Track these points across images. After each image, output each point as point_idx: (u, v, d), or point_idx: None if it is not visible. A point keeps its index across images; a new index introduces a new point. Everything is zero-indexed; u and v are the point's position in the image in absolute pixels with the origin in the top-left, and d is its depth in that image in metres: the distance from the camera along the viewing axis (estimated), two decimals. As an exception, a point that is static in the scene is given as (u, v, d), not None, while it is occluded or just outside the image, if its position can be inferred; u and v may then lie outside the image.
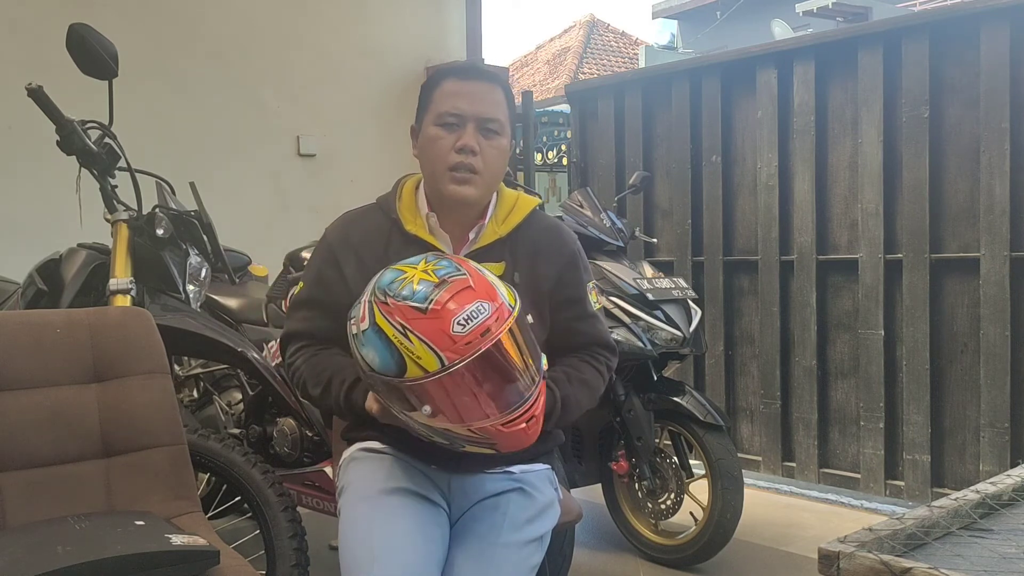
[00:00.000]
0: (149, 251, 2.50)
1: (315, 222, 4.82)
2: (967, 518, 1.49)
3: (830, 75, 4.04)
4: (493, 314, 1.42)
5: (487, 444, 1.47)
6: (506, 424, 1.44)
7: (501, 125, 1.69)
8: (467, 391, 1.40)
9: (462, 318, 1.40)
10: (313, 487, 2.71)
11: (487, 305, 1.42)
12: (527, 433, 1.47)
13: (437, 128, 1.67)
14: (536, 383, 1.47)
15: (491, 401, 1.42)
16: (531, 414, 1.46)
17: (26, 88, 2.27)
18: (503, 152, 1.71)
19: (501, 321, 1.42)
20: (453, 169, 1.66)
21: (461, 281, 1.44)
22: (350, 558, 1.52)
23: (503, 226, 1.73)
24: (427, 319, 1.40)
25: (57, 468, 1.81)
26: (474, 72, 1.71)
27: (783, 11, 13.16)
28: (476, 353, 1.38)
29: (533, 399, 1.47)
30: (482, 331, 1.39)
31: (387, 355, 1.42)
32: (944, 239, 3.71)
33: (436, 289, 1.42)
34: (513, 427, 1.44)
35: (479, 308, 1.41)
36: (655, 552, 3.21)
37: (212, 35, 4.77)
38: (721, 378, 4.46)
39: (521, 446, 1.50)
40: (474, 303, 1.41)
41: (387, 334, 1.42)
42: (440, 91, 1.69)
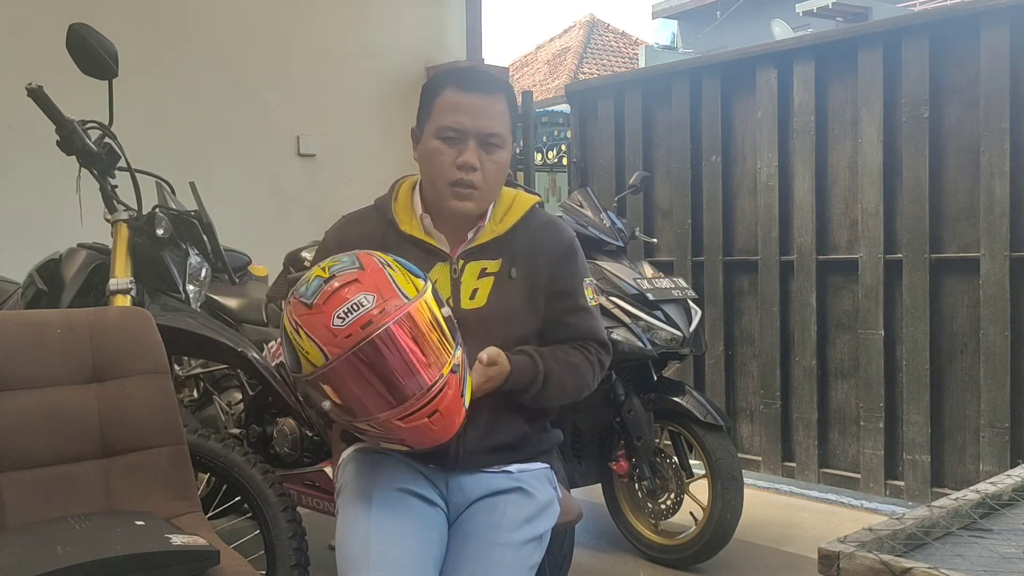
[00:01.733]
0: (149, 251, 2.49)
1: (315, 222, 4.82)
2: (967, 518, 1.49)
3: (830, 75, 4.04)
4: (377, 306, 1.39)
5: (396, 440, 1.44)
6: (404, 419, 1.40)
7: (502, 138, 1.69)
8: (356, 385, 1.38)
9: (342, 311, 1.39)
10: (313, 487, 2.71)
11: (370, 297, 1.40)
12: (432, 428, 1.42)
13: (438, 141, 1.66)
14: (442, 376, 1.41)
15: (386, 395, 1.39)
16: (433, 408, 1.40)
17: (26, 88, 2.27)
18: (504, 165, 1.71)
19: (386, 314, 1.39)
20: (454, 185, 1.66)
21: (348, 275, 1.43)
22: (347, 558, 1.52)
23: (501, 225, 1.74)
24: (311, 314, 1.41)
25: (57, 468, 1.81)
26: (475, 82, 1.68)
27: (783, 11, 13.16)
28: (354, 347, 1.36)
29: (436, 392, 1.40)
30: (362, 323, 1.38)
31: (290, 353, 1.45)
32: (944, 239, 3.71)
33: (323, 284, 1.43)
34: (412, 422, 1.40)
35: (361, 300, 1.40)
36: (655, 552, 3.21)
37: (212, 35, 4.77)
38: (721, 378, 4.46)
39: (432, 442, 1.45)
40: (357, 295, 1.40)
41: (287, 332, 1.44)
42: (441, 101, 1.67)
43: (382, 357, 1.37)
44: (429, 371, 1.40)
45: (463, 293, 1.68)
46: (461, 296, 1.68)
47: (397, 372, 1.38)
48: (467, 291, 1.68)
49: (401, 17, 5.52)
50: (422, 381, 1.39)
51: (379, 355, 1.37)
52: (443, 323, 1.45)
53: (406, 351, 1.38)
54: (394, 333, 1.38)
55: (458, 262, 1.70)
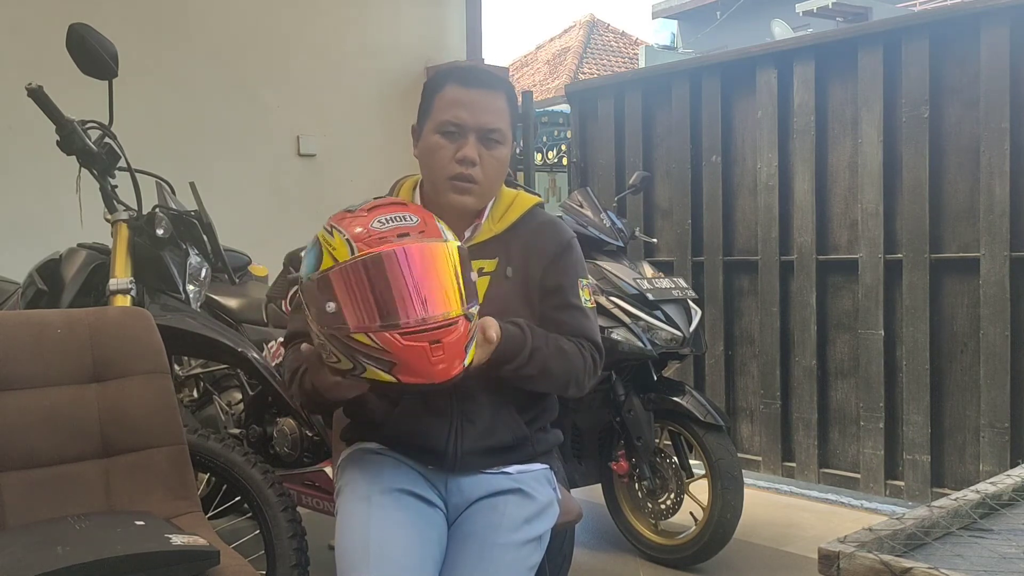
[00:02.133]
0: (149, 251, 2.50)
1: (315, 222, 4.81)
2: (967, 518, 1.49)
3: (830, 75, 4.04)
4: (418, 226, 1.42)
5: (387, 362, 1.38)
6: (405, 335, 1.35)
7: (502, 134, 1.69)
8: (375, 288, 1.36)
9: (385, 218, 1.42)
10: (313, 487, 2.71)
11: (414, 218, 1.44)
12: (428, 357, 1.36)
13: (438, 136, 1.67)
14: (455, 314, 1.39)
15: (399, 305, 1.36)
16: (437, 337, 1.37)
17: (26, 88, 2.27)
18: (503, 161, 1.71)
19: (424, 235, 1.41)
20: (453, 179, 1.66)
21: (398, 201, 1.50)
22: (346, 559, 1.52)
23: (499, 224, 1.74)
24: (352, 216, 1.45)
25: (57, 468, 1.81)
26: (476, 79, 1.69)
27: (783, 11, 13.16)
28: (386, 247, 1.37)
29: (445, 323, 1.38)
30: (400, 232, 1.40)
31: (311, 256, 1.44)
32: (944, 239, 3.71)
33: (372, 199, 1.49)
34: (412, 341, 1.35)
35: (405, 216, 1.44)
36: (655, 552, 3.21)
37: (212, 35, 4.77)
38: (721, 378, 4.46)
39: (422, 375, 1.38)
40: (403, 212, 1.45)
41: (319, 237, 1.45)
42: (442, 97, 1.68)
43: (409, 267, 1.36)
44: (446, 302, 1.39)
45: None
46: None
47: (418, 287, 1.37)
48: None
49: (401, 17, 5.52)
50: (438, 306, 1.38)
51: (407, 264, 1.36)
52: (467, 279, 1.44)
53: (432, 272, 1.38)
54: (427, 250, 1.39)
55: None
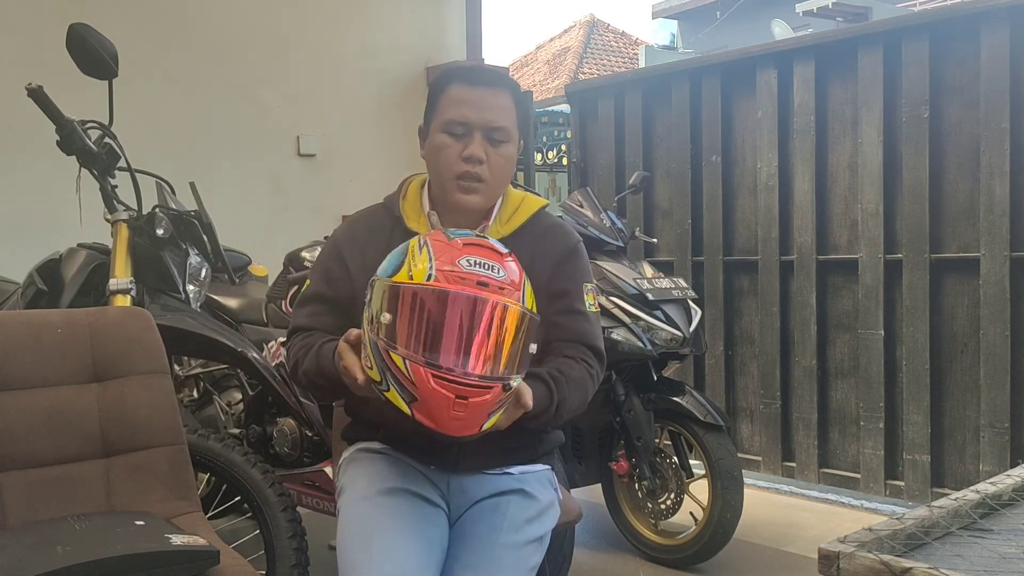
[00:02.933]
0: (149, 251, 2.50)
1: (315, 222, 4.84)
2: (967, 518, 1.49)
3: (830, 75, 4.04)
4: (501, 282, 1.41)
5: (410, 394, 1.37)
6: (438, 379, 1.35)
7: (508, 133, 1.68)
8: (429, 321, 1.37)
9: (475, 260, 1.42)
10: (313, 487, 2.71)
11: (502, 273, 1.43)
12: (448, 408, 1.35)
13: (444, 135, 1.67)
14: (491, 384, 1.38)
15: (448, 347, 1.35)
16: (465, 393, 1.35)
17: (26, 88, 2.27)
18: (510, 159, 1.71)
19: (504, 293, 1.40)
20: (460, 178, 1.66)
21: (500, 249, 1.49)
22: (348, 559, 1.52)
23: (506, 226, 1.73)
24: (448, 244, 1.45)
25: (57, 468, 1.81)
26: (481, 78, 1.69)
27: (783, 11, 13.16)
28: (460, 288, 1.37)
29: (481, 385, 1.37)
30: (480, 280, 1.39)
31: (394, 258, 1.46)
32: (944, 239, 3.71)
33: (475, 236, 1.50)
34: (441, 387, 1.35)
35: (495, 267, 1.43)
36: (655, 552, 3.21)
37: (212, 35, 4.77)
38: (721, 378, 4.46)
39: (434, 420, 1.38)
40: (495, 262, 1.44)
41: (408, 245, 1.47)
42: (447, 96, 1.68)
43: (471, 318, 1.36)
44: (491, 364, 1.38)
45: None
46: None
47: (470, 339, 1.36)
48: None
49: (401, 17, 5.52)
50: (479, 365, 1.37)
51: (473, 315, 1.36)
52: (524, 350, 1.43)
53: (494, 333, 1.37)
54: (498, 310, 1.37)
55: None
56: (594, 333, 1.73)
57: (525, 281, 1.48)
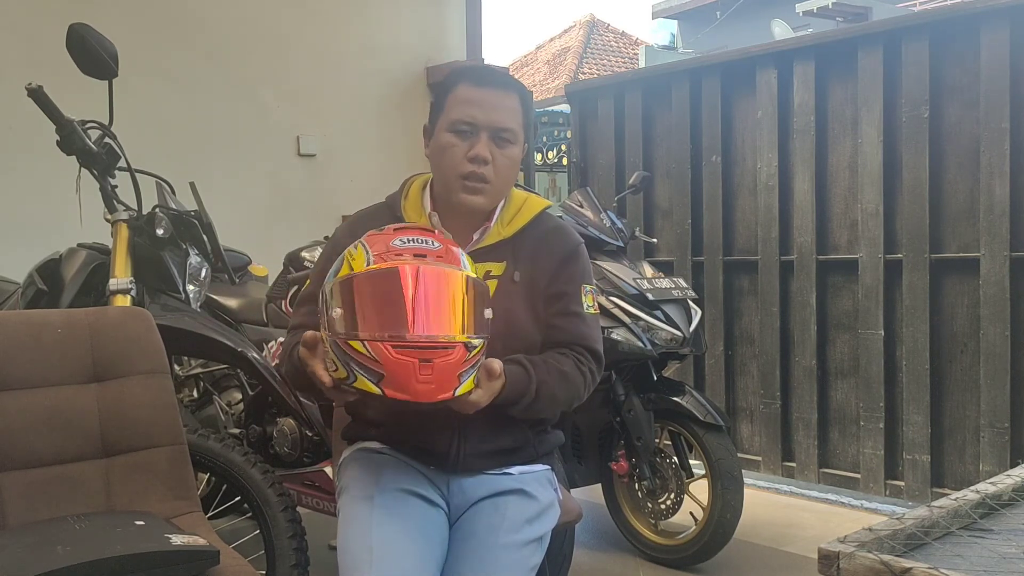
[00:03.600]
0: (149, 251, 2.50)
1: (315, 222, 4.84)
2: (967, 518, 1.49)
3: (830, 75, 4.04)
4: (438, 251, 1.45)
5: (376, 373, 1.37)
6: (397, 348, 1.36)
7: (514, 134, 1.68)
8: (380, 298, 1.39)
9: (408, 238, 1.47)
10: (313, 487, 2.71)
11: (437, 243, 1.47)
12: (415, 375, 1.36)
13: (450, 135, 1.66)
14: (453, 339, 1.39)
15: (398, 318, 1.37)
16: (429, 356, 1.37)
17: (26, 88, 2.27)
18: (515, 161, 1.71)
19: (441, 260, 1.43)
20: (465, 178, 1.65)
21: (427, 228, 1.54)
22: (349, 558, 1.52)
23: (508, 227, 1.73)
24: (379, 234, 1.50)
25: (57, 468, 1.81)
26: (489, 78, 1.69)
27: (783, 11, 13.16)
28: (398, 263, 1.40)
29: (440, 345, 1.38)
30: (417, 252, 1.44)
31: (336, 264, 1.49)
32: (944, 239, 3.71)
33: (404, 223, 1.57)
34: (402, 355, 1.36)
35: (428, 240, 1.48)
36: (655, 552, 3.21)
37: (212, 35, 4.77)
38: (721, 378, 4.46)
39: (407, 390, 1.37)
40: (427, 237, 1.48)
41: (347, 251, 1.49)
42: (454, 96, 1.68)
43: (414, 285, 1.38)
44: (445, 325, 1.39)
45: None
46: None
47: (419, 305, 1.38)
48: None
49: (401, 17, 5.52)
50: (434, 327, 1.38)
51: (413, 282, 1.39)
52: (476, 311, 1.44)
53: (438, 295, 1.40)
54: (440, 274, 1.41)
55: None
56: (591, 335, 1.73)
57: (461, 252, 1.51)
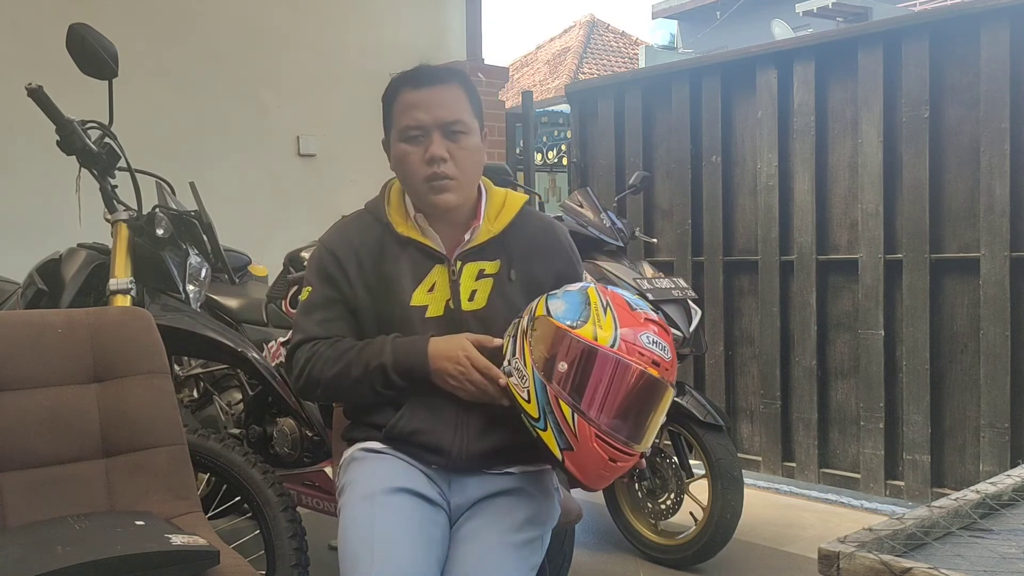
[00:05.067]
0: (149, 251, 2.50)
1: (315, 222, 4.83)
2: (967, 518, 1.49)
3: (830, 75, 4.04)
4: (668, 364, 1.53)
5: (567, 441, 1.49)
6: (599, 439, 1.47)
7: (465, 124, 1.68)
8: (604, 386, 1.47)
9: (653, 339, 1.53)
10: (313, 487, 2.71)
11: (670, 355, 1.54)
12: (601, 469, 1.49)
13: (404, 144, 1.67)
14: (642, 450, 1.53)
15: (611, 411, 1.47)
16: (616, 456, 1.49)
17: (26, 88, 2.27)
18: (475, 150, 1.70)
19: (668, 375, 1.52)
20: (428, 180, 1.66)
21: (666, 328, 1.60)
22: (350, 557, 1.52)
23: (496, 224, 1.74)
24: (631, 314, 1.55)
25: (57, 468, 1.81)
26: (426, 78, 1.68)
27: (783, 11, 13.15)
28: (637, 368, 1.48)
29: (632, 453, 1.51)
30: (654, 360, 1.50)
31: (577, 310, 1.54)
32: (944, 239, 3.71)
33: (650, 306, 1.63)
34: (599, 445, 1.47)
35: (667, 347, 1.54)
36: (655, 552, 3.21)
37: (212, 35, 4.77)
38: (721, 378, 4.46)
39: (584, 477, 1.51)
40: (667, 343, 1.55)
41: (591, 299, 1.55)
42: (398, 104, 1.68)
43: (649, 397, 1.50)
44: (646, 439, 1.53)
45: (462, 295, 1.68)
46: (460, 298, 1.68)
47: (637, 411, 1.49)
48: (466, 292, 1.68)
49: (401, 17, 5.52)
50: (641, 439, 1.51)
51: (650, 393, 1.50)
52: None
53: (655, 410, 1.51)
54: (666, 393, 1.52)
55: (456, 263, 1.69)
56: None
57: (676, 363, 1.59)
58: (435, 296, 1.68)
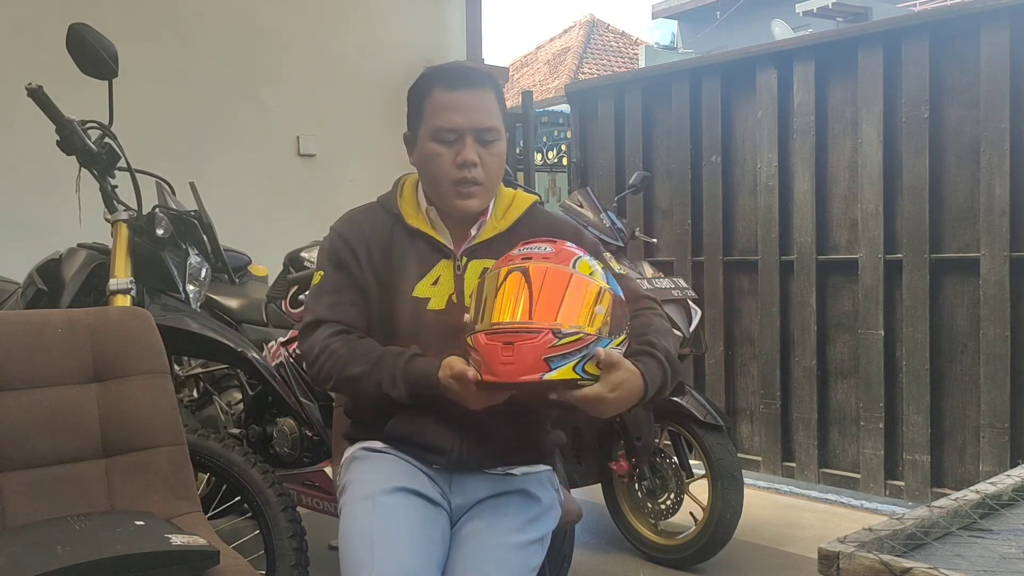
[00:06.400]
0: (149, 251, 2.50)
1: (315, 222, 4.83)
2: (967, 518, 1.49)
3: (830, 75, 4.04)
4: (547, 254, 1.54)
5: (478, 361, 1.49)
6: (487, 334, 1.47)
7: (498, 131, 1.69)
8: (481, 296, 1.52)
9: (525, 247, 1.57)
10: (313, 487, 2.71)
11: (550, 248, 1.56)
12: (499, 357, 1.45)
13: (435, 144, 1.67)
14: (535, 328, 1.45)
15: (487, 312, 1.49)
16: (511, 339, 1.46)
17: (26, 88, 2.27)
18: (501, 157, 1.72)
19: (550, 261, 1.52)
20: (457, 184, 1.66)
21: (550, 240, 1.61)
22: (351, 557, 1.52)
23: (502, 221, 1.75)
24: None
25: (57, 468, 1.81)
26: (463, 80, 1.68)
27: (783, 11, 13.15)
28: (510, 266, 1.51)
29: (521, 332, 1.45)
30: (525, 256, 1.54)
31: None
32: (944, 239, 3.71)
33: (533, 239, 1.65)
34: (490, 340, 1.46)
35: (543, 247, 1.57)
36: (655, 552, 3.21)
37: (212, 35, 4.77)
38: (721, 378, 4.46)
39: (497, 374, 1.45)
40: (545, 244, 1.57)
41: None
42: (431, 102, 1.68)
43: (506, 281, 1.50)
44: (532, 312, 1.47)
45: (466, 290, 1.68)
46: (464, 293, 1.68)
47: (509, 298, 1.49)
48: (469, 288, 1.68)
49: (401, 17, 5.52)
50: (519, 315, 1.47)
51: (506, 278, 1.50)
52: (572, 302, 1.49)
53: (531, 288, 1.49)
54: (534, 270, 1.50)
55: (461, 259, 1.70)
56: (639, 286, 1.80)
57: (579, 257, 1.55)
58: (438, 290, 1.69)
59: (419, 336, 1.66)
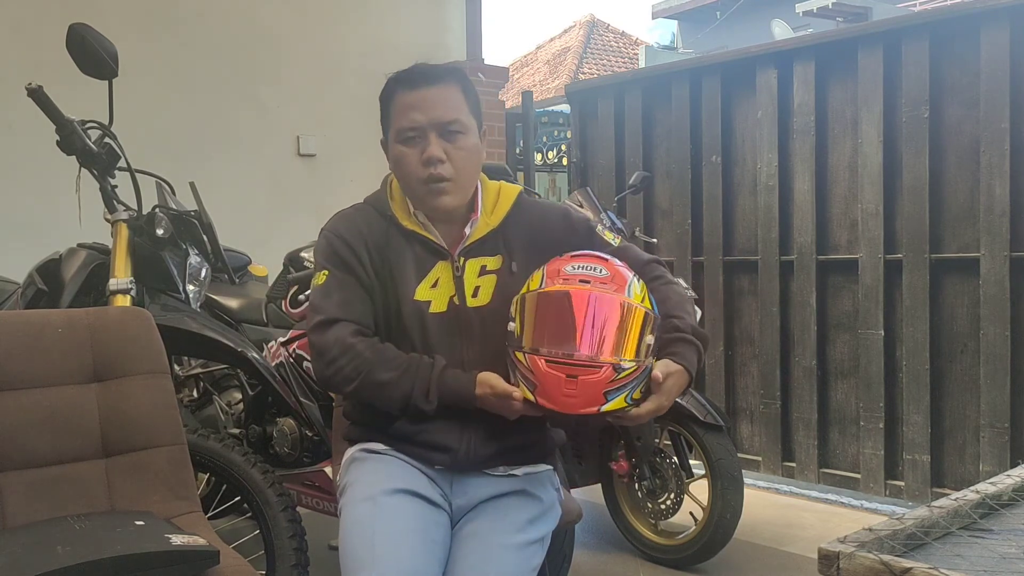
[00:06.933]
0: (149, 251, 2.50)
1: (315, 222, 4.83)
2: (967, 518, 1.49)
3: (830, 75, 4.04)
4: (603, 278, 1.56)
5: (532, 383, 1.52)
6: (549, 363, 1.50)
7: (462, 124, 1.66)
8: (539, 318, 1.53)
9: (579, 265, 1.58)
10: (313, 487, 2.71)
11: (605, 271, 1.57)
12: (563, 389, 1.50)
13: (400, 146, 1.66)
14: (603, 361, 1.50)
15: (554, 335, 1.51)
16: (575, 373, 1.50)
17: (26, 88, 2.27)
18: (472, 150, 1.69)
19: (606, 288, 1.53)
20: (426, 182, 1.65)
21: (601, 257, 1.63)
22: (351, 558, 1.52)
23: (493, 217, 1.73)
24: (558, 259, 1.62)
25: (57, 468, 1.81)
26: (422, 78, 1.67)
27: (783, 11, 13.15)
28: (561, 287, 1.53)
29: (587, 364, 1.49)
30: (583, 279, 1.55)
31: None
32: (944, 239, 3.71)
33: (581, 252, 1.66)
34: (552, 369, 1.49)
35: (598, 268, 1.58)
36: (655, 552, 3.21)
37: (212, 35, 4.78)
38: (721, 378, 4.46)
39: (556, 404, 1.50)
40: (598, 264, 1.59)
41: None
42: (395, 105, 1.67)
43: (571, 309, 1.51)
44: (597, 347, 1.50)
45: (466, 291, 1.68)
46: (465, 294, 1.68)
47: (574, 327, 1.50)
48: (470, 289, 1.68)
49: (401, 17, 5.52)
50: (585, 348, 1.50)
51: (570, 305, 1.51)
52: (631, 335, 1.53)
53: (592, 318, 1.51)
54: (595, 299, 1.52)
55: (459, 259, 1.69)
56: (640, 253, 1.81)
57: (634, 280, 1.59)
58: (439, 292, 1.68)
59: (422, 339, 1.66)
